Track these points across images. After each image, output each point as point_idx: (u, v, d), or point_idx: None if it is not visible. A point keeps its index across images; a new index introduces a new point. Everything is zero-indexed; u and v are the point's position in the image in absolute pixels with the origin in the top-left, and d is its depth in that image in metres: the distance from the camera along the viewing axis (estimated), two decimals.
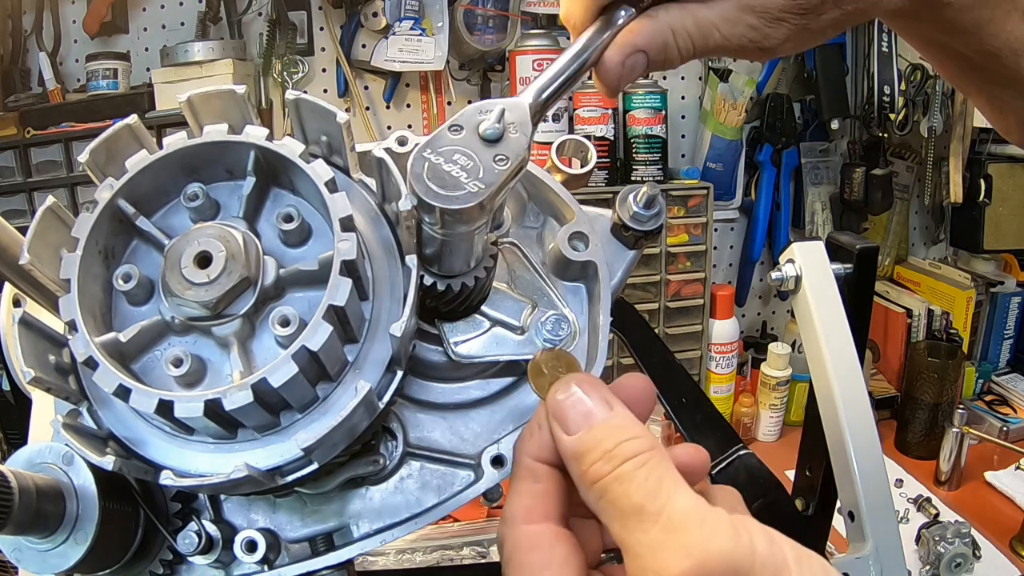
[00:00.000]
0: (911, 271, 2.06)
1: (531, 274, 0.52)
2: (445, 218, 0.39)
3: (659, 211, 0.52)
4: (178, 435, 0.40)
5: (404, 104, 1.78)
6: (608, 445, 0.32)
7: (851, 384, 0.72)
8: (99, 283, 0.41)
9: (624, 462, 0.31)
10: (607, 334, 0.49)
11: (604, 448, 0.32)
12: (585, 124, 1.70)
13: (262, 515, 0.50)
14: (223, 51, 1.55)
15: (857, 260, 0.76)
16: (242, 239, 0.40)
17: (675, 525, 0.29)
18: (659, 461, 0.32)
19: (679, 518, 0.29)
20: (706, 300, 1.80)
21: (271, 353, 0.40)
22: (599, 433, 0.33)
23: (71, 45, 1.63)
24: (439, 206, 0.38)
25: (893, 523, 0.71)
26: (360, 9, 1.63)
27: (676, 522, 0.29)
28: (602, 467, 0.32)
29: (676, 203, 1.74)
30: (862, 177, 1.87)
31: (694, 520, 0.29)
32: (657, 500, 0.30)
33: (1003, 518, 1.50)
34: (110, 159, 0.41)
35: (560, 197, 0.52)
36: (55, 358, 0.41)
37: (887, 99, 1.80)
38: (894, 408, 1.86)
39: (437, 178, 0.38)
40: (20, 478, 0.41)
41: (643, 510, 0.30)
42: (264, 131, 0.41)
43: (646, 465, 0.31)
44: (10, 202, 1.51)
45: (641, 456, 0.32)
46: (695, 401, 0.77)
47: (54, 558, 0.43)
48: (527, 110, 0.41)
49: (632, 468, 0.31)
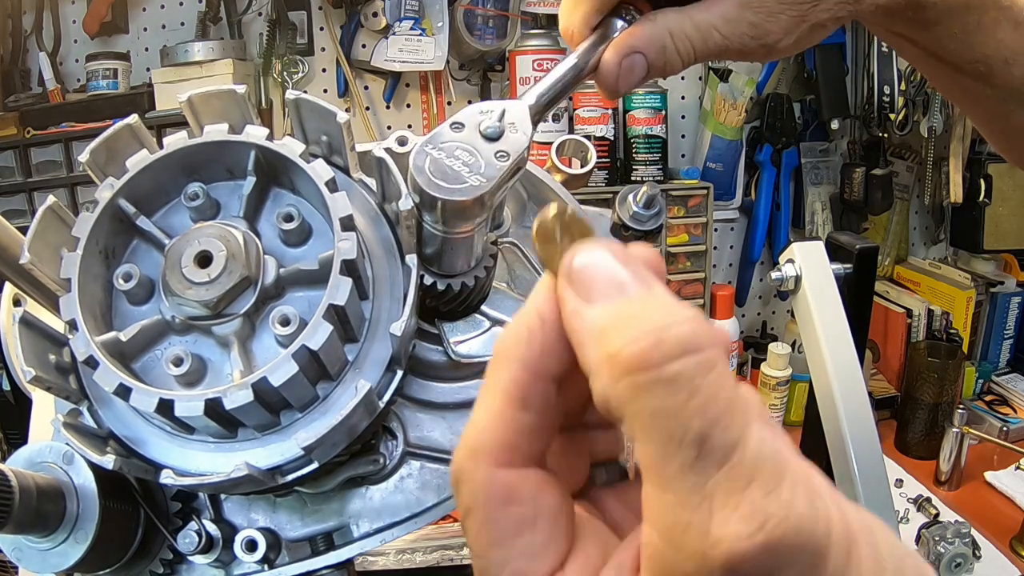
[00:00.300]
0: (911, 271, 2.06)
1: (531, 274, 0.52)
2: (446, 213, 0.39)
3: (659, 211, 0.52)
4: (178, 434, 0.40)
5: (404, 104, 1.78)
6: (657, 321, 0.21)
7: (851, 384, 0.72)
8: (99, 282, 0.41)
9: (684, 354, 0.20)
10: None
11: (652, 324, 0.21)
12: (585, 124, 1.70)
13: (262, 514, 0.50)
14: (223, 51, 1.55)
15: (857, 260, 0.76)
16: (242, 239, 0.40)
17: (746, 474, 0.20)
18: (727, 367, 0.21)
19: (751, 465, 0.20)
20: (706, 300, 1.81)
21: (271, 352, 0.40)
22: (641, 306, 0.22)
23: (71, 45, 1.63)
24: (441, 198, 0.38)
25: (893, 523, 0.71)
26: (360, 9, 1.63)
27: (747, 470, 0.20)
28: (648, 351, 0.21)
29: (676, 203, 1.74)
30: (862, 177, 1.87)
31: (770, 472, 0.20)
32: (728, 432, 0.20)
33: (1003, 518, 1.49)
34: (110, 159, 0.41)
35: (560, 197, 0.52)
36: (55, 357, 0.41)
37: (887, 99, 1.80)
38: (894, 408, 1.86)
39: (439, 172, 0.38)
40: (20, 477, 0.41)
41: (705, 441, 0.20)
42: (264, 131, 0.41)
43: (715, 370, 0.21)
44: (10, 202, 1.51)
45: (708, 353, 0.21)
46: None
47: (54, 557, 0.43)
48: (527, 111, 0.42)
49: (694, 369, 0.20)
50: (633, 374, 0.21)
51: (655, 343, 0.21)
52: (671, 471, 0.21)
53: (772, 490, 0.20)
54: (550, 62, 1.64)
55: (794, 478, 0.21)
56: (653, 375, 0.20)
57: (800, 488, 0.20)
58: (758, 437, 0.21)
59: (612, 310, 0.22)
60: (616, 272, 0.23)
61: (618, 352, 0.21)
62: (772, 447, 0.21)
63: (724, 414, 0.20)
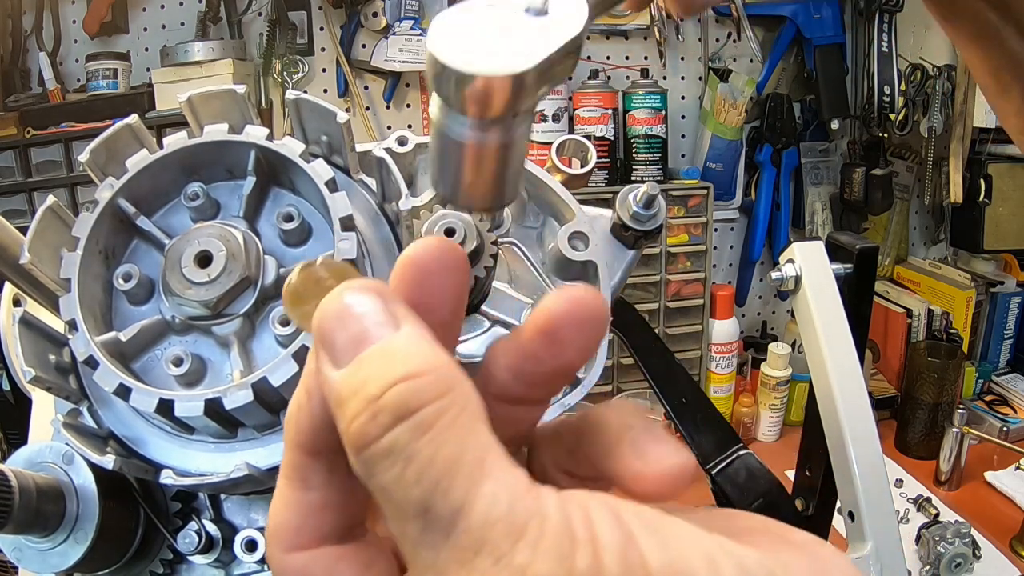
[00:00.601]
0: (911, 271, 2.06)
1: (531, 274, 0.52)
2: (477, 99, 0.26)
3: (659, 211, 0.52)
4: (178, 434, 0.40)
5: (404, 104, 1.78)
6: (374, 389, 0.19)
7: (851, 384, 0.72)
8: (99, 282, 0.41)
9: (397, 422, 0.19)
10: (607, 334, 0.49)
11: (368, 394, 0.19)
12: (585, 124, 1.70)
13: (262, 514, 0.50)
14: (223, 51, 1.55)
15: (857, 260, 0.76)
16: (242, 238, 0.40)
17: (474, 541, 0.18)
18: (453, 422, 0.19)
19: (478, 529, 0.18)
20: (706, 300, 1.81)
21: (271, 352, 0.40)
22: (368, 367, 0.20)
23: (71, 45, 1.63)
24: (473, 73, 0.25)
25: (893, 523, 0.71)
26: (360, 9, 1.63)
27: (475, 536, 0.18)
28: (365, 427, 0.19)
29: (676, 203, 1.74)
30: (862, 177, 1.87)
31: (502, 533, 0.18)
32: (448, 496, 0.18)
33: (1003, 518, 1.50)
34: (110, 159, 0.41)
35: (560, 197, 0.52)
36: (55, 357, 0.41)
37: (887, 99, 1.80)
38: (894, 408, 1.86)
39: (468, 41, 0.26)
40: (20, 477, 0.41)
41: (428, 512, 0.18)
42: (264, 131, 0.41)
43: (434, 428, 0.19)
44: (10, 202, 1.51)
45: (422, 413, 0.19)
46: (695, 401, 0.77)
47: (54, 557, 0.43)
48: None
49: (407, 436, 0.19)
50: (360, 452, 0.19)
51: (370, 416, 0.19)
52: (407, 548, 0.19)
53: (503, 555, 0.18)
54: None
55: (539, 532, 0.18)
56: (373, 451, 0.19)
57: (543, 545, 0.18)
58: (488, 494, 0.18)
59: (346, 376, 0.20)
60: (357, 323, 0.21)
61: (346, 431, 0.20)
62: (508, 501, 0.18)
63: (443, 477, 0.18)
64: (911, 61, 1.80)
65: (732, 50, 1.88)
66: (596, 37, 1.83)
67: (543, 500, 0.18)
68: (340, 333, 0.21)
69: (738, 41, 1.86)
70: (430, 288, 0.22)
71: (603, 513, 0.18)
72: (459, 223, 0.43)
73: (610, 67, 1.80)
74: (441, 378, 0.20)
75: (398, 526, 0.19)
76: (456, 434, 0.19)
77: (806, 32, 1.80)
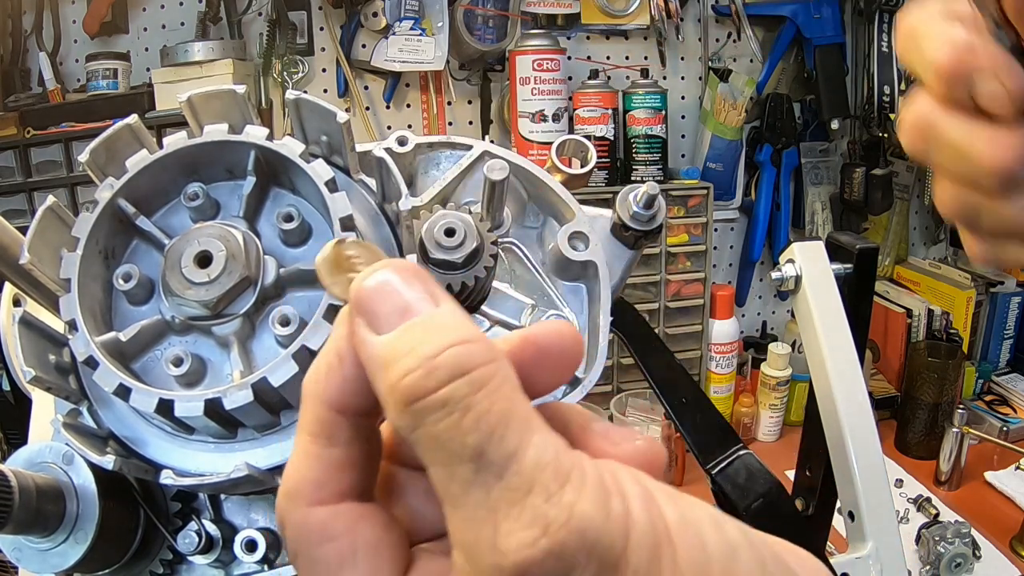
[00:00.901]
0: (911, 271, 2.06)
1: (531, 274, 0.52)
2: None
3: (659, 211, 0.52)
4: (178, 434, 0.40)
5: (404, 104, 1.78)
6: (429, 349, 0.21)
7: (851, 384, 0.72)
8: (99, 283, 0.41)
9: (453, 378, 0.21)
10: (607, 334, 0.49)
11: (423, 353, 0.21)
12: (585, 124, 1.70)
13: (262, 514, 0.50)
14: (223, 51, 1.55)
15: (857, 260, 0.76)
16: (242, 239, 0.40)
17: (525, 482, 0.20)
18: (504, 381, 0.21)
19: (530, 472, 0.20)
20: (706, 300, 1.81)
21: (271, 352, 0.40)
22: (418, 332, 0.22)
23: (71, 45, 1.63)
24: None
25: (893, 523, 0.71)
26: (360, 9, 1.63)
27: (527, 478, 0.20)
28: (420, 381, 0.21)
29: (676, 203, 1.74)
30: (862, 177, 1.87)
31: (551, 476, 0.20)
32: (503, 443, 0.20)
33: (1003, 518, 1.50)
34: (110, 159, 0.41)
35: (560, 197, 0.52)
36: (55, 357, 0.41)
37: (887, 99, 1.80)
38: (894, 408, 1.86)
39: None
40: (20, 477, 0.41)
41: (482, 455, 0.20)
42: (264, 131, 0.41)
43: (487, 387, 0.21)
44: (10, 202, 1.51)
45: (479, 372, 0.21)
46: (695, 401, 0.77)
47: (54, 557, 0.43)
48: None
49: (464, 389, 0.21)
50: (411, 404, 0.21)
51: (427, 372, 0.21)
52: (456, 490, 0.21)
53: (554, 494, 0.20)
54: (550, 62, 1.64)
55: (581, 479, 0.21)
56: (427, 402, 0.21)
57: (587, 488, 0.20)
58: (538, 443, 0.21)
59: (392, 339, 0.22)
60: (400, 296, 0.23)
61: (396, 384, 0.21)
62: (554, 451, 0.21)
63: (498, 426, 0.21)
64: None
65: (732, 50, 1.88)
66: (596, 37, 1.83)
67: (581, 457, 0.21)
68: (383, 303, 0.23)
69: (738, 41, 1.86)
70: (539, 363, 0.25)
71: (627, 475, 0.22)
72: (459, 223, 0.43)
73: (610, 67, 1.80)
74: (489, 347, 0.22)
75: (446, 470, 0.21)
76: (507, 392, 0.21)
77: (806, 32, 1.80)
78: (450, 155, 0.54)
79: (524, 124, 1.67)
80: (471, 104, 1.81)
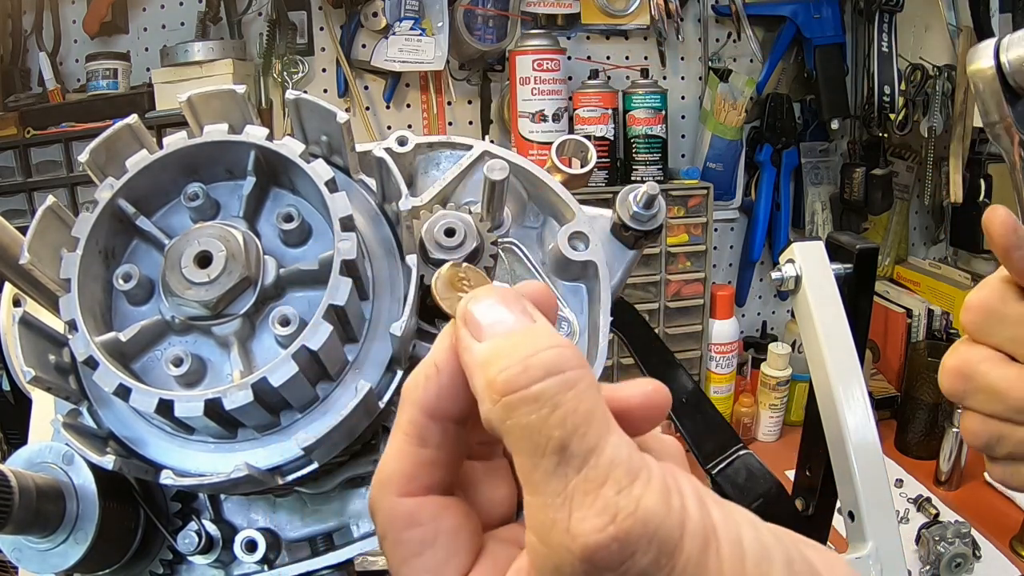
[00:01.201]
0: (911, 271, 2.06)
1: (531, 274, 0.52)
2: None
3: (659, 211, 0.52)
4: (178, 435, 0.40)
5: (404, 104, 1.78)
6: (526, 351, 0.25)
7: (851, 384, 0.72)
8: (99, 283, 0.41)
9: (547, 376, 0.24)
10: (607, 334, 0.49)
11: (521, 353, 0.24)
12: (585, 124, 1.70)
13: (262, 515, 0.50)
14: (223, 51, 1.55)
15: (857, 260, 0.76)
16: (242, 239, 0.40)
17: (600, 475, 0.23)
18: (589, 386, 0.24)
19: (606, 467, 0.23)
20: (706, 300, 1.81)
21: (271, 353, 0.40)
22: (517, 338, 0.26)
23: (71, 45, 1.63)
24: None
25: (893, 523, 0.71)
26: (360, 9, 1.63)
27: (602, 472, 0.23)
28: (516, 376, 0.24)
29: (676, 203, 1.74)
30: (862, 177, 1.87)
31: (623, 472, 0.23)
32: (585, 440, 0.23)
33: (1003, 518, 1.50)
34: (110, 159, 0.41)
35: (560, 197, 0.52)
36: (55, 358, 0.41)
37: (887, 99, 1.80)
38: (894, 408, 1.86)
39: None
40: (20, 478, 0.41)
41: (565, 449, 0.23)
42: (264, 131, 0.41)
43: (575, 388, 0.24)
44: (10, 202, 1.51)
45: (569, 374, 0.24)
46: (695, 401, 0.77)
47: (54, 558, 0.43)
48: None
49: (556, 388, 0.24)
50: (506, 396, 0.24)
51: (523, 369, 0.24)
52: (538, 477, 0.24)
53: (624, 488, 0.23)
54: (550, 62, 1.64)
55: (648, 477, 0.23)
56: (521, 395, 0.24)
57: (653, 485, 0.23)
58: (614, 443, 0.24)
59: (493, 344, 0.26)
60: (501, 312, 0.27)
61: (494, 379, 0.25)
62: (627, 452, 0.24)
63: (582, 424, 0.23)
64: (911, 61, 1.80)
65: (732, 50, 1.88)
66: (596, 37, 1.83)
67: (648, 459, 0.24)
68: (487, 317, 0.27)
69: (738, 41, 1.86)
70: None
71: (685, 479, 0.25)
72: (459, 223, 0.43)
73: (610, 67, 1.80)
74: (579, 354, 0.25)
75: (530, 460, 0.24)
76: (591, 396, 0.24)
77: (806, 32, 1.80)
78: (450, 155, 0.54)
79: (524, 124, 1.67)
80: (471, 104, 1.81)
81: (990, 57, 0.53)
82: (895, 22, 1.80)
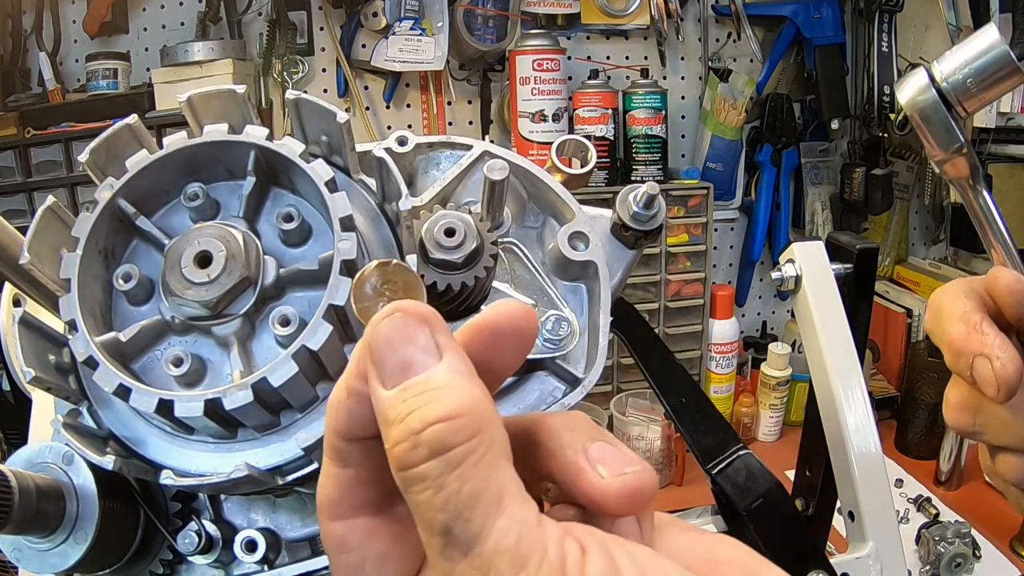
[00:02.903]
0: (911, 271, 2.06)
1: (531, 274, 0.52)
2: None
3: (659, 211, 0.52)
4: (178, 435, 0.40)
5: (404, 104, 1.78)
6: (415, 424, 0.23)
7: (851, 384, 0.72)
8: (99, 283, 0.41)
9: (431, 457, 0.22)
10: (607, 334, 0.49)
11: (410, 427, 0.23)
12: (585, 124, 1.70)
13: (262, 515, 0.50)
14: (223, 51, 1.55)
15: (857, 260, 0.76)
16: (242, 239, 0.40)
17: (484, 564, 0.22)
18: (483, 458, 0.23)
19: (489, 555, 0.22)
20: (706, 300, 1.80)
21: (271, 353, 0.40)
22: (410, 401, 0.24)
23: (71, 45, 1.63)
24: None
25: (893, 523, 0.71)
26: (360, 9, 1.63)
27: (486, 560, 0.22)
28: (406, 454, 0.23)
29: (676, 203, 1.74)
30: (862, 177, 1.87)
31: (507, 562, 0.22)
32: (469, 525, 0.22)
33: (1003, 518, 1.49)
34: (110, 159, 0.41)
35: (560, 197, 0.52)
36: (55, 358, 0.41)
37: (887, 99, 1.80)
38: (894, 408, 1.86)
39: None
40: (20, 478, 0.41)
41: (449, 532, 0.22)
42: (264, 131, 0.41)
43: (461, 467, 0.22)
44: (10, 202, 1.51)
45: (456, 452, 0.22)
46: (695, 401, 0.76)
47: (54, 558, 0.43)
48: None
49: (439, 469, 0.22)
50: (399, 472, 0.23)
51: (411, 447, 0.23)
52: (431, 554, 0.23)
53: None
54: (550, 62, 1.64)
55: (539, 563, 0.22)
56: (410, 474, 0.23)
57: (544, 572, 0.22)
58: (501, 528, 0.22)
59: (392, 401, 0.24)
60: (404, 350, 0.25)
61: (391, 449, 0.24)
62: (516, 536, 0.22)
63: (465, 508, 0.22)
64: (911, 61, 1.80)
65: (732, 50, 1.88)
66: (596, 37, 1.83)
67: (547, 535, 0.22)
68: (390, 356, 0.25)
69: (738, 41, 1.86)
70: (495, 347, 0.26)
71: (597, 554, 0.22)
72: (459, 223, 0.43)
73: (610, 67, 1.80)
74: (474, 420, 0.23)
75: (424, 534, 0.23)
76: (480, 472, 0.23)
77: (806, 32, 1.80)
78: (450, 155, 0.54)
79: (524, 124, 1.67)
80: (471, 104, 1.81)
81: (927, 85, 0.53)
82: (895, 22, 1.80)
